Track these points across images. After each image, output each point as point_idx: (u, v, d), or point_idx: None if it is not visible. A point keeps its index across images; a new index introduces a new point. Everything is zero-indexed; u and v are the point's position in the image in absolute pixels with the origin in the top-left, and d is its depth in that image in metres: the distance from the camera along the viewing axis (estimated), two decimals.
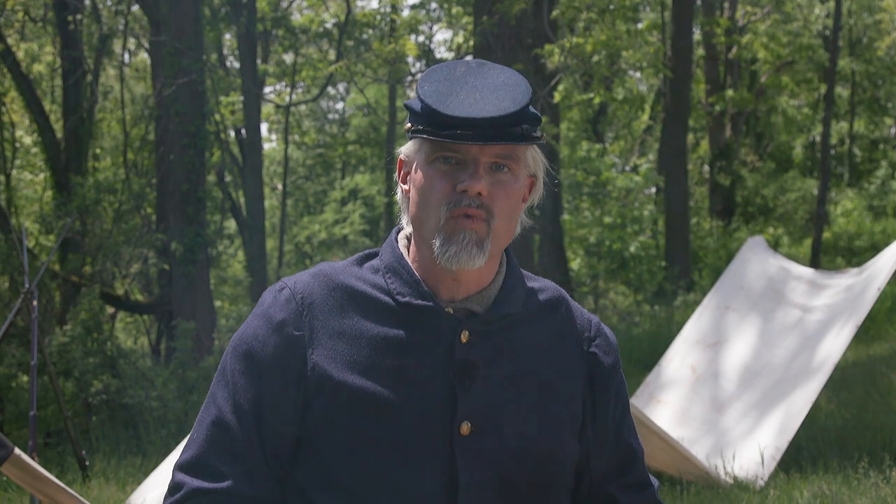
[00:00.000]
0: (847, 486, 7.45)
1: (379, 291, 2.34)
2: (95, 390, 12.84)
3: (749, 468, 8.34)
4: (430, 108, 2.24)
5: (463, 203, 2.25)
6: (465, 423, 2.25)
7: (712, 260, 21.96)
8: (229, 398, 2.30)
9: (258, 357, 2.30)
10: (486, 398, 2.28)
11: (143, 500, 8.72)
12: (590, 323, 2.48)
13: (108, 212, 17.29)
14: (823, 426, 9.49)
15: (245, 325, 2.37)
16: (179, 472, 2.30)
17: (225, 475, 2.26)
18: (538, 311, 2.42)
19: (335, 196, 34.53)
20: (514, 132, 2.25)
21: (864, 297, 9.07)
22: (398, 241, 2.43)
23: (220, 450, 2.28)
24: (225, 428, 2.29)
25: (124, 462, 10.95)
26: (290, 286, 2.36)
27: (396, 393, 2.24)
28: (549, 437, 2.34)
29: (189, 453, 2.31)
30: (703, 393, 9.68)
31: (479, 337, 2.31)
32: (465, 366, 2.28)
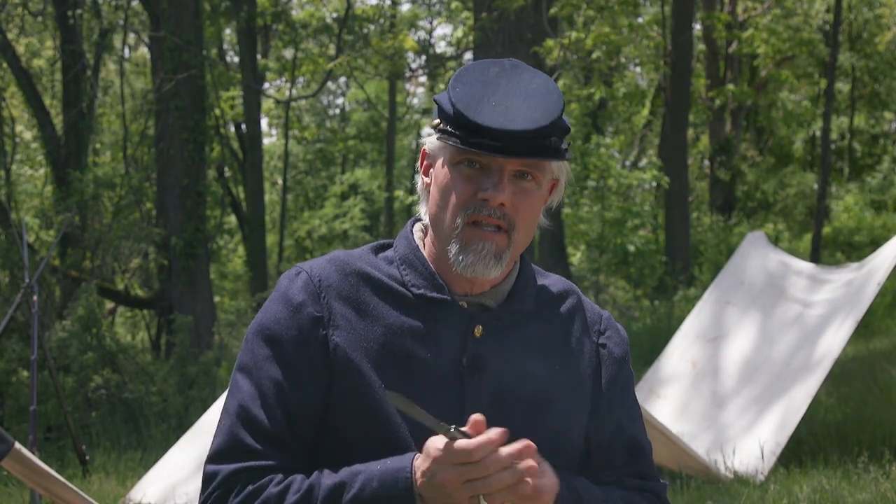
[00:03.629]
0: (847, 481, 7.46)
1: (394, 282, 2.34)
2: (95, 385, 12.83)
3: (749, 463, 8.35)
4: (460, 112, 2.22)
5: (483, 212, 2.25)
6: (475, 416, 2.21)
7: (712, 255, 21.95)
8: (254, 384, 2.29)
9: (281, 339, 2.30)
10: (496, 393, 2.28)
11: (143, 495, 8.72)
12: (600, 317, 2.49)
13: (107, 207, 17.29)
14: (823, 421, 9.50)
15: (264, 311, 2.35)
16: (210, 464, 2.30)
17: (257, 453, 2.26)
18: (549, 307, 2.42)
19: (335, 191, 34.51)
20: (542, 146, 2.24)
21: (863, 292, 9.07)
22: (414, 232, 2.42)
23: (248, 434, 2.28)
24: (251, 414, 2.28)
25: (124, 457, 10.94)
26: (306, 270, 2.35)
27: (407, 383, 2.25)
28: (555, 434, 2.34)
29: (217, 443, 2.31)
30: (703, 388, 9.68)
31: (492, 332, 2.31)
32: (476, 360, 2.28)
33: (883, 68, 28.96)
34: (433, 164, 2.34)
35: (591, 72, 22.44)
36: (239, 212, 25.05)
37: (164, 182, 16.82)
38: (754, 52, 25.97)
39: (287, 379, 2.28)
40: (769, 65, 26.78)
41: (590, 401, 2.40)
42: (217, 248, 22.36)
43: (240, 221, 26.06)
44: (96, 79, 20.12)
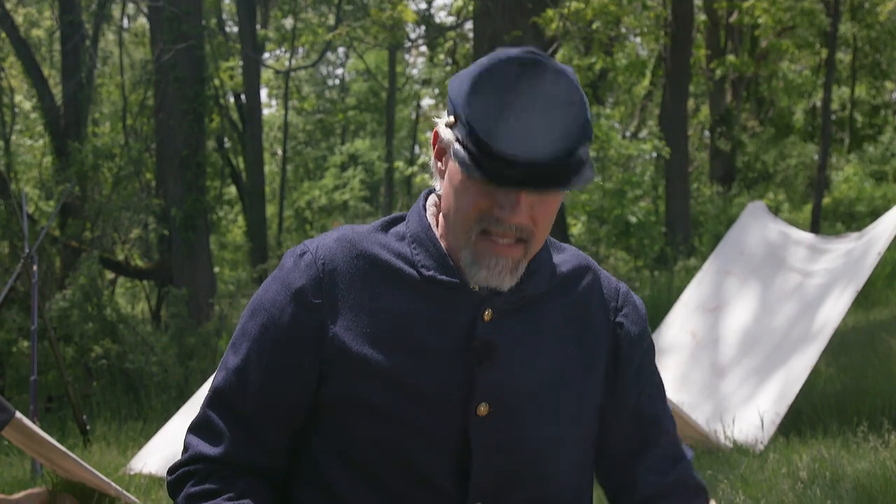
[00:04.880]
0: (846, 450, 7.47)
1: (403, 262, 2.25)
2: (96, 355, 12.85)
3: (749, 432, 8.37)
4: (478, 137, 2.05)
5: (498, 228, 2.13)
6: (483, 404, 2.19)
7: (713, 225, 21.92)
8: (241, 361, 2.26)
9: (274, 323, 2.24)
10: (506, 379, 2.21)
11: (143, 465, 8.75)
12: (617, 292, 2.38)
13: (107, 177, 17.27)
14: (823, 391, 9.50)
15: (264, 289, 2.30)
16: (190, 434, 2.31)
17: (224, 438, 2.25)
18: (564, 285, 2.32)
19: (335, 161, 34.47)
20: (565, 170, 2.07)
21: (863, 261, 9.07)
22: (427, 208, 2.31)
23: (225, 412, 2.26)
24: (233, 390, 2.26)
25: (125, 427, 10.97)
26: (311, 251, 2.26)
27: (414, 369, 2.18)
28: (572, 419, 2.27)
29: (199, 414, 2.31)
30: (702, 358, 9.69)
31: (503, 316, 2.23)
32: (485, 345, 2.20)
33: (884, 38, 28.85)
34: (447, 152, 2.21)
35: (592, 42, 22.38)
36: (239, 182, 25.01)
37: (164, 153, 16.80)
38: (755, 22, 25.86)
39: (273, 365, 2.24)
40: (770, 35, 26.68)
41: (605, 383, 2.32)
42: (217, 218, 22.31)
43: (239, 192, 26.02)
44: (95, 49, 20.05)
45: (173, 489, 2.29)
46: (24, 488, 7.97)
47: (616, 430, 2.34)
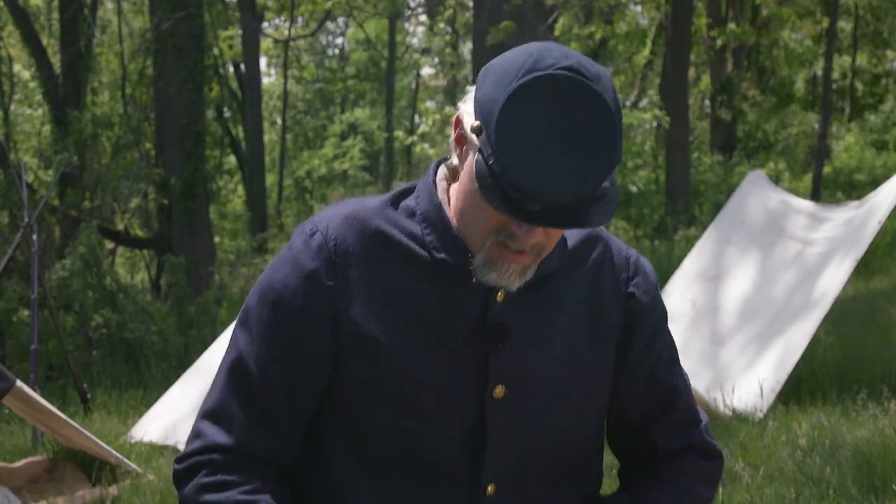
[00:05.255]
0: (845, 418, 7.48)
1: (414, 242, 2.19)
2: (96, 324, 12.86)
3: (748, 401, 8.38)
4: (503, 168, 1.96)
5: (512, 244, 2.06)
6: (500, 386, 2.16)
7: (713, 195, 21.89)
8: (254, 347, 2.19)
9: (287, 307, 2.17)
10: (521, 361, 2.18)
11: (144, 433, 8.77)
12: (627, 261, 2.33)
13: (106, 146, 17.24)
14: (822, 359, 9.51)
15: (273, 271, 2.22)
16: (201, 420, 2.22)
17: (238, 427, 2.18)
18: (575, 260, 2.27)
19: (335, 130, 34.43)
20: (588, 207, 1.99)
21: (864, 230, 9.06)
22: (437, 182, 2.23)
23: (239, 399, 2.19)
24: (247, 377, 2.19)
25: (125, 395, 10.99)
26: (322, 231, 2.19)
27: (429, 353, 2.15)
28: (585, 396, 2.26)
29: (211, 400, 2.23)
30: (702, 326, 9.69)
31: (515, 296, 2.18)
32: (499, 327, 2.17)
33: (886, 7, 28.74)
34: (467, 147, 2.11)
35: (592, 11, 22.30)
36: (238, 152, 25.00)
37: (163, 122, 16.76)
38: None
39: (287, 351, 2.18)
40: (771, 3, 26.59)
41: (618, 354, 2.29)
42: (217, 188, 22.29)
43: (239, 161, 26.01)
44: (94, 18, 19.97)
45: (182, 478, 2.21)
46: (25, 456, 7.99)
47: (631, 398, 2.32)
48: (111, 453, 7.45)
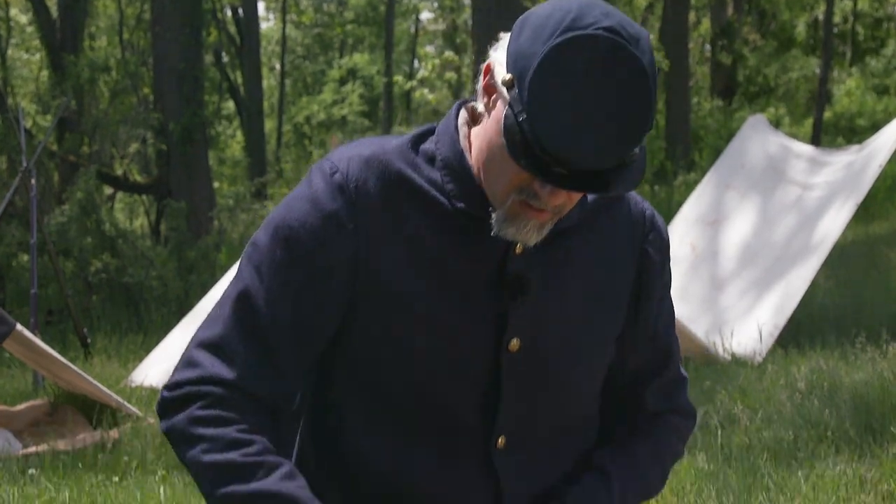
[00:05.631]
0: (844, 362, 7.50)
1: (434, 188, 2.13)
2: (95, 269, 12.88)
3: (747, 345, 8.40)
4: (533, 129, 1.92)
5: (535, 203, 2.02)
6: (515, 339, 2.13)
7: (713, 140, 21.85)
8: (263, 284, 2.11)
9: (303, 247, 2.10)
10: (537, 314, 2.15)
11: (144, 377, 8.80)
12: (643, 215, 2.29)
13: (103, 91, 17.17)
14: (822, 304, 9.53)
15: (289, 208, 2.14)
16: (198, 349, 2.12)
17: (241, 362, 2.09)
18: (593, 213, 2.23)
19: (333, 76, 34.27)
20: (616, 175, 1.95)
21: (864, 174, 9.05)
22: (459, 127, 2.17)
23: (245, 334, 2.10)
24: (254, 313, 2.10)
25: (125, 340, 11.02)
26: (342, 171, 2.11)
27: (447, 304, 2.11)
28: (595, 352, 2.24)
29: (210, 331, 2.13)
30: (702, 271, 9.70)
31: (534, 250, 2.13)
32: (517, 280, 2.13)
33: None
34: (496, 93, 2.04)
35: None
36: (237, 97, 24.92)
37: (161, 67, 16.68)
38: None
39: (299, 291, 2.10)
40: None
41: (627, 310, 2.27)
42: (215, 133, 22.24)
43: (238, 107, 25.94)
44: None
45: (172, 407, 2.11)
46: (26, 400, 8.03)
47: (631, 354, 2.30)
48: (111, 397, 7.47)
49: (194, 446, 2.07)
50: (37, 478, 6.00)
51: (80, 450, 6.75)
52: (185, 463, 2.10)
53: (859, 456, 5.51)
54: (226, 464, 2.03)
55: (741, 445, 5.90)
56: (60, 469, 6.21)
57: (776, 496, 4.91)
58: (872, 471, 5.15)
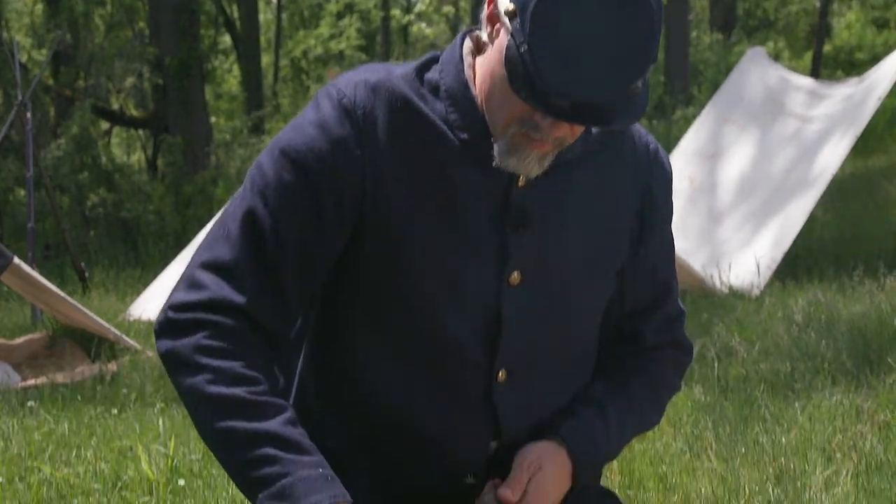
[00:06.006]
0: (841, 294, 7.51)
1: (438, 119, 2.11)
2: (92, 204, 12.87)
3: (745, 278, 8.41)
4: (535, 62, 1.90)
5: (536, 136, 2.00)
6: (517, 272, 2.12)
7: (712, 74, 21.72)
8: (268, 208, 2.07)
9: (312, 170, 2.07)
10: (539, 247, 2.14)
11: (142, 311, 8.82)
12: (647, 149, 2.27)
13: (98, 25, 17.05)
14: (820, 237, 9.54)
15: (297, 132, 2.10)
16: (202, 270, 2.06)
17: (249, 287, 2.05)
18: (596, 146, 2.21)
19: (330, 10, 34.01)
20: (619, 107, 1.94)
21: (863, 107, 9.01)
22: (464, 57, 2.14)
23: (254, 258, 2.06)
24: (260, 235, 2.07)
25: (123, 274, 11.03)
26: (349, 97, 2.08)
27: (450, 234, 2.10)
28: (596, 285, 2.23)
29: (218, 252, 2.07)
30: (700, 204, 9.69)
31: (537, 182, 2.12)
32: (520, 212, 2.12)
33: None
34: (499, 22, 2.02)
35: None
36: (233, 31, 24.73)
37: (157, 0, 16.57)
38: None
39: (306, 216, 2.07)
40: None
41: (627, 245, 2.26)
42: (212, 68, 22.09)
43: (234, 41, 25.75)
44: None
45: (176, 330, 2.06)
46: (25, 333, 8.05)
47: (631, 288, 2.30)
48: (110, 330, 7.48)
49: (196, 375, 2.02)
50: (36, 410, 6.02)
51: (79, 382, 6.77)
52: (183, 389, 2.05)
53: (856, 387, 5.53)
54: (231, 398, 1.99)
55: (738, 377, 5.92)
56: (59, 401, 6.22)
57: (772, 427, 4.92)
58: (869, 401, 5.17)
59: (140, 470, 4.60)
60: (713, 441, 4.72)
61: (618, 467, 4.35)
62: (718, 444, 4.67)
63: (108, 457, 4.94)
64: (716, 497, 3.93)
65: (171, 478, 4.51)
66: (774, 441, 4.65)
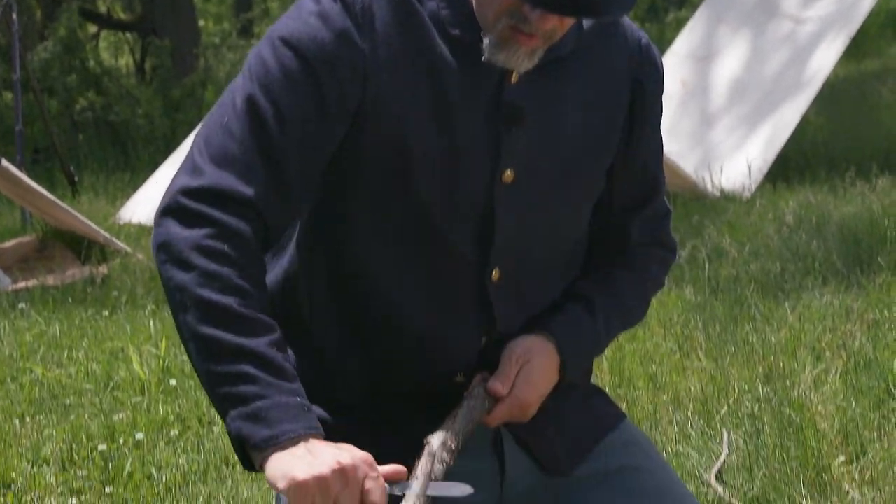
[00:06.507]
0: (833, 196, 7.51)
1: (430, 15, 2.08)
2: (81, 108, 12.78)
3: (736, 180, 8.39)
4: None
5: (525, 29, 1.95)
6: (509, 170, 2.09)
7: None
8: (269, 97, 1.99)
9: (316, 60, 2.00)
10: (531, 144, 2.11)
11: (132, 214, 8.80)
12: (639, 44, 2.23)
13: None
14: (812, 139, 9.51)
15: (295, 21, 2.04)
16: (209, 160, 1.97)
17: (256, 180, 1.97)
18: (588, 42, 2.17)
19: None
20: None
21: (857, 8, 8.95)
22: None
23: (259, 149, 1.98)
24: (263, 122, 1.99)
25: (113, 178, 10.99)
26: None
27: (442, 132, 2.06)
28: (587, 183, 2.21)
29: (222, 140, 1.99)
30: (692, 107, 9.65)
31: (529, 79, 2.08)
32: (512, 109, 2.08)
33: None
34: None
35: None
36: None
37: None
38: None
39: (308, 106, 2.00)
40: None
41: (620, 141, 2.23)
42: None
43: None
44: None
45: (180, 218, 1.95)
46: (15, 237, 8.03)
47: (621, 185, 2.27)
48: (99, 233, 7.47)
49: (189, 273, 1.92)
50: (27, 312, 6.03)
51: (70, 285, 6.78)
52: (171, 284, 1.95)
53: (846, 287, 5.54)
54: (220, 306, 1.90)
55: (728, 278, 5.93)
56: (50, 303, 6.23)
57: (762, 327, 4.94)
58: (859, 301, 5.18)
59: (131, 370, 4.62)
60: (703, 341, 4.74)
61: (608, 367, 4.37)
62: (708, 344, 4.69)
63: (100, 358, 4.96)
64: (705, 395, 3.95)
65: (163, 378, 4.53)
66: (764, 340, 4.67)
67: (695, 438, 3.47)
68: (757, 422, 3.54)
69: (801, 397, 3.78)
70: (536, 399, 2.18)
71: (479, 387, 2.13)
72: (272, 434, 1.85)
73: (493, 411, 2.13)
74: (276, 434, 1.85)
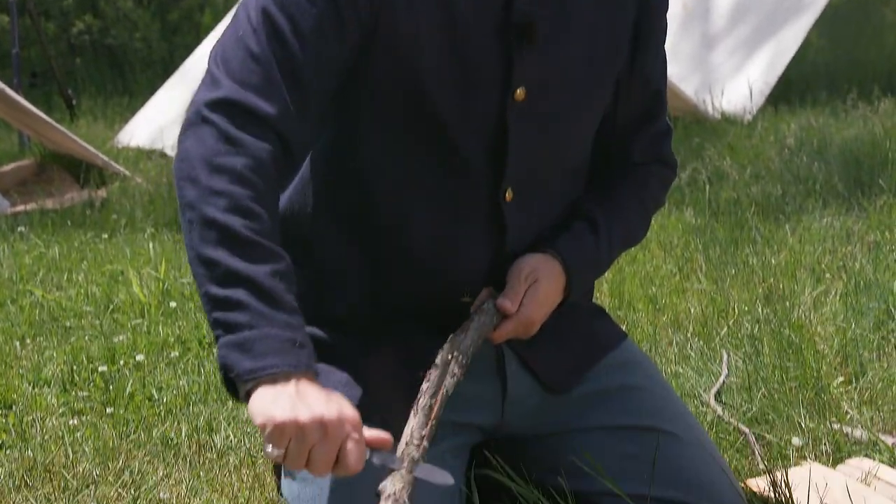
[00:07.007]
0: (835, 118, 7.48)
1: None
2: (78, 31, 12.69)
3: (737, 103, 8.35)
4: None
5: None
6: (521, 88, 2.09)
7: None
8: (284, 10, 1.96)
9: None
10: (543, 62, 2.11)
11: (131, 138, 8.78)
12: None
13: None
14: (814, 62, 9.46)
15: None
16: (229, 80, 1.94)
17: (277, 95, 1.93)
18: None
19: None
20: None
21: None
22: None
23: (276, 62, 1.94)
24: (281, 39, 1.95)
25: (111, 102, 10.94)
26: None
27: (454, 51, 2.05)
28: (596, 99, 2.23)
29: (240, 55, 1.95)
30: (692, 29, 9.56)
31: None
32: (522, 27, 2.07)
33: None
34: None
35: None
36: None
37: None
38: None
39: (327, 25, 1.97)
40: None
41: (626, 56, 2.24)
42: None
43: None
44: None
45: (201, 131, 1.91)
46: (13, 161, 8.01)
47: (626, 101, 2.29)
48: (98, 156, 7.45)
49: (201, 190, 1.87)
50: (26, 235, 6.02)
51: (69, 208, 6.77)
52: (182, 202, 1.91)
53: (847, 209, 5.52)
54: (226, 227, 1.84)
55: (729, 200, 5.91)
56: (49, 227, 6.22)
57: (762, 248, 4.93)
58: (860, 223, 5.18)
59: (131, 293, 4.62)
60: (703, 263, 4.73)
61: (608, 289, 4.37)
62: (708, 266, 4.69)
63: (100, 280, 4.96)
64: (705, 316, 3.95)
65: (163, 300, 4.53)
66: (764, 262, 4.66)
67: (694, 359, 3.47)
68: (756, 343, 3.54)
69: (800, 318, 3.78)
70: (542, 317, 2.19)
71: (489, 302, 2.13)
72: (255, 366, 1.78)
73: (500, 328, 2.14)
74: (260, 367, 1.78)
